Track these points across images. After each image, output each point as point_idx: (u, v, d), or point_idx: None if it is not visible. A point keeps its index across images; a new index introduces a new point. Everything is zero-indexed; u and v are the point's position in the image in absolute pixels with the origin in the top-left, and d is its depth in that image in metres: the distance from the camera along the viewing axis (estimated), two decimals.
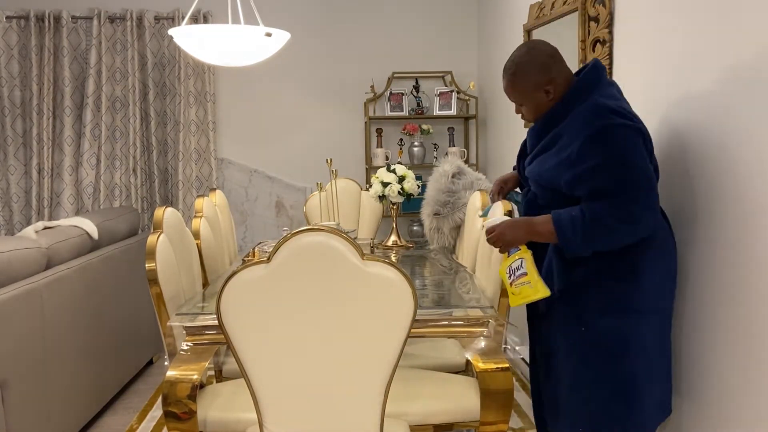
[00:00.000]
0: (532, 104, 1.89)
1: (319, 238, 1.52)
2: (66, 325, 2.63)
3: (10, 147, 4.43)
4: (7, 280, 2.33)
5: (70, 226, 2.94)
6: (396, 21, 4.66)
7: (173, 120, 4.52)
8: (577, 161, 1.73)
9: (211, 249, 2.85)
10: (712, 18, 1.77)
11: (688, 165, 1.90)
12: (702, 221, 1.84)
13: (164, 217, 2.33)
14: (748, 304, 1.65)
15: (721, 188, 1.75)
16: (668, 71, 2.01)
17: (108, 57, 4.40)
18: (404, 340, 1.58)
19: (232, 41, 2.77)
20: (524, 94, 1.89)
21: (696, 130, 1.86)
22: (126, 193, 4.49)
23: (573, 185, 1.75)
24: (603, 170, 1.69)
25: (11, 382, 2.24)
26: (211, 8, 4.39)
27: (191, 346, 1.97)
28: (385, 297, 1.54)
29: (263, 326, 1.57)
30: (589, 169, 1.70)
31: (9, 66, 4.38)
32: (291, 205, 4.72)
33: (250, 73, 4.50)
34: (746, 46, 1.63)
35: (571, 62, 2.64)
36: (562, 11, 2.71)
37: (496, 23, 4.14)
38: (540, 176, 1.87)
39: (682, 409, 1.95)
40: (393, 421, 1.86)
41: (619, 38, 2.32)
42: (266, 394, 1.62)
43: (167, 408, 1.83)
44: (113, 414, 3.04)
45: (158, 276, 2.09)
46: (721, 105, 1.74)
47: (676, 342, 1.94)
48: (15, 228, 4.44)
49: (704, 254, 1.83)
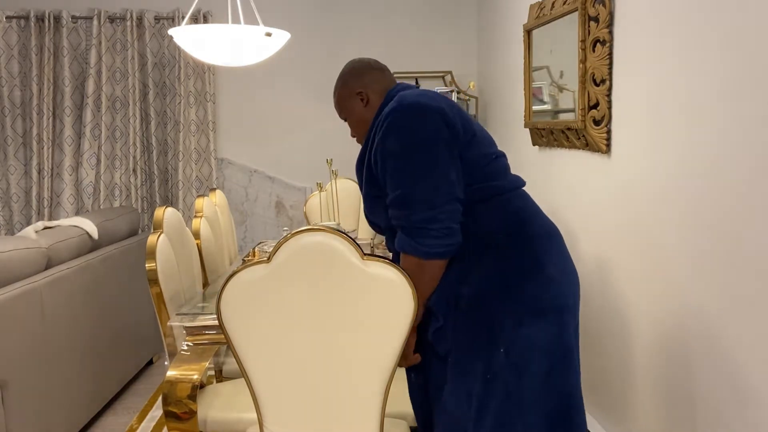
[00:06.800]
0: (353, 114, 1.78)
1: (319, 238, 1.52)
2: (66, 325, 2.63)
3: (10, 147, 4.43)
4: (7, 280, 2.33)
5: (70, 226, 2.94)
6: (396, 21, 4.66)
7: (173, 120, 4.52)
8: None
9: (211, 249, 2.85)
10: (713, 18, 1.77)
11: (688, 165, 1.90)
12: (702, 222, 1.84)
13: (164, 217, 2.33)
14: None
15: (721, 189, 1.75)
16: (668, 71, 2.01)
17: (108, 57, 4.40)
18: (404, 340, 1.58)
19: (232, 41, 2.77)
20: (342, 102, 1.80)
21: (696, 130, 1.86)
22: (126, 193, 4.49)
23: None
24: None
25: (11, 382, 2.24)
26: (211, 8, 4.39)
27: (191, 346, 1.97)
28: (385, 297, 1.54)
29: (263, 326, 1.57)
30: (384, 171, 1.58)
31: (9, 66, 4.38)
32: (291, 205, 4.72)
33: (250, 73, 4.50)
34: (746, 46, 1.63)
35: (571, 62, 2.65)
36: (562, 11, 2.71)
37: (496, 23, 4.14)
38: (369, 197, 1.69)
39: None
40: (393, 421, 1.86)
41: (619, 38, 2.32)
42: (266, 394, 1.62)
43: (167, 408, 1.83)
44: (113, 414, 3.04)
45: (158, 276, 2.09)
46: (721, 105, 1.74)
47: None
48: (15, 228, 4.44)
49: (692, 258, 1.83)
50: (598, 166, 2.54)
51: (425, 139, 1.54)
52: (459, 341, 1.57)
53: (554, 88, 2.97)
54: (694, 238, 1.88)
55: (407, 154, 1.53)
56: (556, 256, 1.62)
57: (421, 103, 1.57)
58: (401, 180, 1.54)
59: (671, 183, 2.00)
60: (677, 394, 1.98)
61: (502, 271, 1.55)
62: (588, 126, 2.53)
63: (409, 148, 1.54)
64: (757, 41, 1.59)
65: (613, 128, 2.39)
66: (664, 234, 2.04)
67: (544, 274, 1.56)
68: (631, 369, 2.29)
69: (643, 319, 2.20)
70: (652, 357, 2.14)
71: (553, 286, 1.57)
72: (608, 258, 2.46)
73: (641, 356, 2.22)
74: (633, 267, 2.26)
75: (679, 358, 1.97)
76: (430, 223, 1.50)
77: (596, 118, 2.47)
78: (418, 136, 1.54)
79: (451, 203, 1.52)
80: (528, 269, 1.56)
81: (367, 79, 1.78)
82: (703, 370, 1.85)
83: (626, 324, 2.31)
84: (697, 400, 1.88)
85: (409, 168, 1.53)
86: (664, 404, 2.07)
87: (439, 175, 1.52)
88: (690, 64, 1.88)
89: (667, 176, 2.02)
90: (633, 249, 2.26)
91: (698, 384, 1.87)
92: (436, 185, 1.51)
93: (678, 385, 1.98)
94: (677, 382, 1.98)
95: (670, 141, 2.00)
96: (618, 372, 2.40)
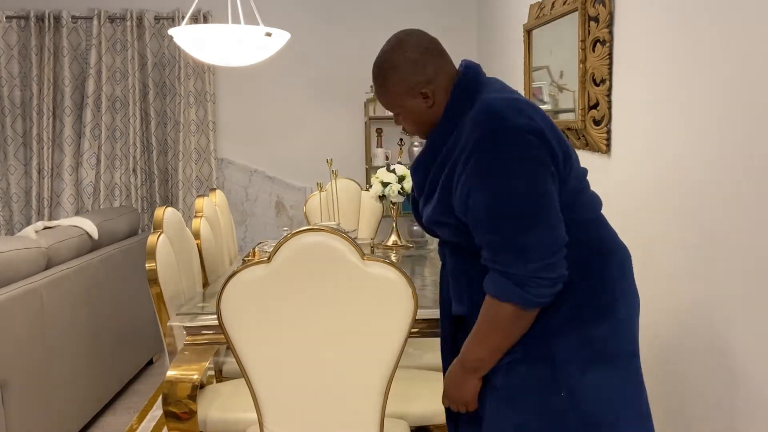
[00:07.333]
0: (410, 114, 1.45)
1: (319, 238, 1.52)
2: (66, 325, 2.63)
3: (10, 147, 4.43)
4: (7, 280, 2.33)
5: (70, 226, 2.94)
6: (396, 21, 4.66)
7: (173, 120, 4.52)
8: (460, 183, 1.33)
9: (211, 249, 2.85)
10: (713, 17, 1.77)
11: (687, 165, 1.90)
12: (701, 222, 1.84)
13: (164, 217, 2.33)
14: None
15: (721, 189, 1.75)
16: (668, 71, 2.01)
17: (108, 57, 4.40)
18: (404, 340, 1.58)
19: (232, 41, 2.77)
20: (396, 99, 1.45)
21: (696, 129, 1.86)
22: (126, 193, 4.49)
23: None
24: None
25: (11, 382, 2.24)
26: (211, 8, 4.39)
27: (191, 346, 1.97)
28: (385, 297, 1.54)
29: (263, 326, 1.57)
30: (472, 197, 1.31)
31: (9, 66, 4.38)
32: (291, 205, 4.72)
33: (250, 73, 4.50)
34: (747, 46, 1.63)
35: (571, 62, 2.65)
36: (562, 11, 2.71)
37: (496, 23, 4.14)
38: (434, 219, 1.43)
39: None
40: (393, 421, 1.86)
41: (619, 38, 2.32)
42: (266, 394, 1.62)
43: (167, 408, 1.83)
44: (113, 414, 3.04)
45: (158, 276, 2.09)
46: (721, 105, 1.74)
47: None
48: (15, 228, 4.44)
49: None
50: (598, 166, 2.54)
51: (534, 175, 1.28)
52: (520, 377, 1.39)
53: (554, 88, 2.97)
54: (693, 238, 1.88)
55: (513, 194, 1.28)
56: (630, 295, 1.45)
57: (523, 126, 1.29)
58: (509, 224, 1.28)
59: (671, 183, 2.00)
60: (672, 392, 1.98)
61: (572, 315, 1.36)
62: (588, 126, 2.53)
63: (516, 187, 1.27)
64: (757, 41, 1.59)
65: (613, 128, 2.39)
66: (664, 233, 2.04)
67: (617, 318, 1.39)
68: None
69: (643, 319, 2.20)
70: (653, 356, 2.14)
71: (626, 328, 1.41)
72: None
73: (643, 355, 2.21)
74: (633, 266, 2.26)
75: (679, 358, 1.97)
76: (549, 271, 1.28)
77: (596, 118, 2.47)
78: (526, 170, 1.28)
79: (563, 248, 1.30)
80: (601, 312, 1.38)
81: (431, 72, 1.42)
82: (702, 370, 1.85)
83: None
84: (692, 398, 1.88)
85: (519, 211, 1.28)
86: (660, 403, 2.07)
87: (555, 215, 1.29)
88: (690, 64, 1.88)
89: (667, 176, 2.02)
90: (632, 248, 2.25)
91: (694, 382, 1.87)
92: (553, 228, 1.29)
93: (673, 383, 1.98)
94: (673, 381, 1.98)
95: (669, 141, 2.00)
96: None
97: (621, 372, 1.39)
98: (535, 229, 1.28)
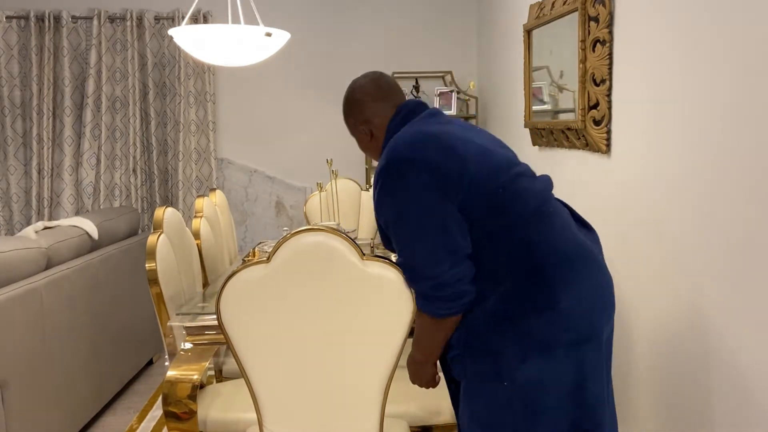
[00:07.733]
0: (359, 142, 1.77)
1: (319, 238, 1.52)
2: (66, 325, 2.63)
3: (10, 147, 4.43)
4: (7, 280, 2.33)
5: (70, 226, 2.94)
6: (396, 21, 4.66)
7: (173, 120, 4.52)
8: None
9: (211, 249, 2.85)
10: (713, 17, 1.77)
11: (688, 165, 1.90)
12: (701, 222, 1.84)
13: (164, 217, 2.33)
14: None
15: (721, 189, 1.75)
16: (668, 71, 2.01)
17: (108, 57, 4.40)
18: (404, 340, 1.58)
19: (232, 41, 2.77)
20: (350, 129, 1.77)
21: (696, 129, 1.86)
22: (126, 193, 4.50)
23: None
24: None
25: (11, 382, 2.24)
26: (211, 8, 4.39)
27: (191, 346, 1.97)
28: (385, 297, 1.54)
29: (263, 326, 1.57)
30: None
31: (9, 66, 4.38)
32: (291, 205, 4.72)
33: (250, 73, 4.50)
34: (747, 46, 1.63)
35: (571, 62, 2.65)
36: (562, 11, 2.71)
37: (496, 23, 4.14)
38: (382, 234, 1.62)
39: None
40: (393, 421, 1.86)
41: (619, 38, 2.32)
42: (266, 394, 1.62)
43: (167, 408, 1.83)
44: (113, 414, 3.04)
45: (158, 276, 2.09)
46: (721, 104, 1.74)
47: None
48: (15, 228, 4.44)
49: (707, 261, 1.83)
50: (598, 166, 2.54)
51: (417, 200, 1.43)
52: (468, 370, 1.53)
53: (554, 88, 2.97)
54: (693, 238, 1.88)
55: (402, 220, 1.45)
56: (577, 284, 1.46)
57: (407, 158, 1.45)
58: (403, 247, 1.48)
59: (671, 183, 2.00)
60: (677, 395, 1.98)
61: (506, 311, 1.44)
62: (588, 126, 2.53)
63: (403, 214, 1.45)
64: (757, 41, 1.59)
65: (613, 128, 2.39)
66: (664, 234, 2.04)
67: (555, 310, 1.42)
68: (631, 368, 2.29)
69: (644, 319, 2.20)
70: (651, 356, 2.14)
71: (569, 319, 1.44)
72: (608, 258, 2.45)
73: (640, 355, 2.22)
74: (633, 266, 2.26)
75: (678, 358, 1.97)
76: (438, 290, 1.43)
77: (596, 118, 2.47)
78: (410, 198, 1.43)
79: (457, 265, 1.42)
80: (537, 305, 1.43)
81: (369, 113, 1.70)
82: (702, 370, 1.85)
83: (626, 323, 2.31)
84: (697, 401, 1.88)
85: (407, 234, 1.46)
86: (664, 405, 2.07)
87: (442, 239, 1.42)
88: (690, 64, 1.88)
89: (667, 176, 2.02)
90: (632, 249, 2.26)
91: (699, 385, 1.87)
92: (434, 251, 1.42)
93: (678, 385, 1.98)
94: (677, 383, 1.99)
95: (670, 141, 2.00)
96: (618, 371, 2.40)
97: (561, 360, 1.44)
98: (415, 252, 1.45)
